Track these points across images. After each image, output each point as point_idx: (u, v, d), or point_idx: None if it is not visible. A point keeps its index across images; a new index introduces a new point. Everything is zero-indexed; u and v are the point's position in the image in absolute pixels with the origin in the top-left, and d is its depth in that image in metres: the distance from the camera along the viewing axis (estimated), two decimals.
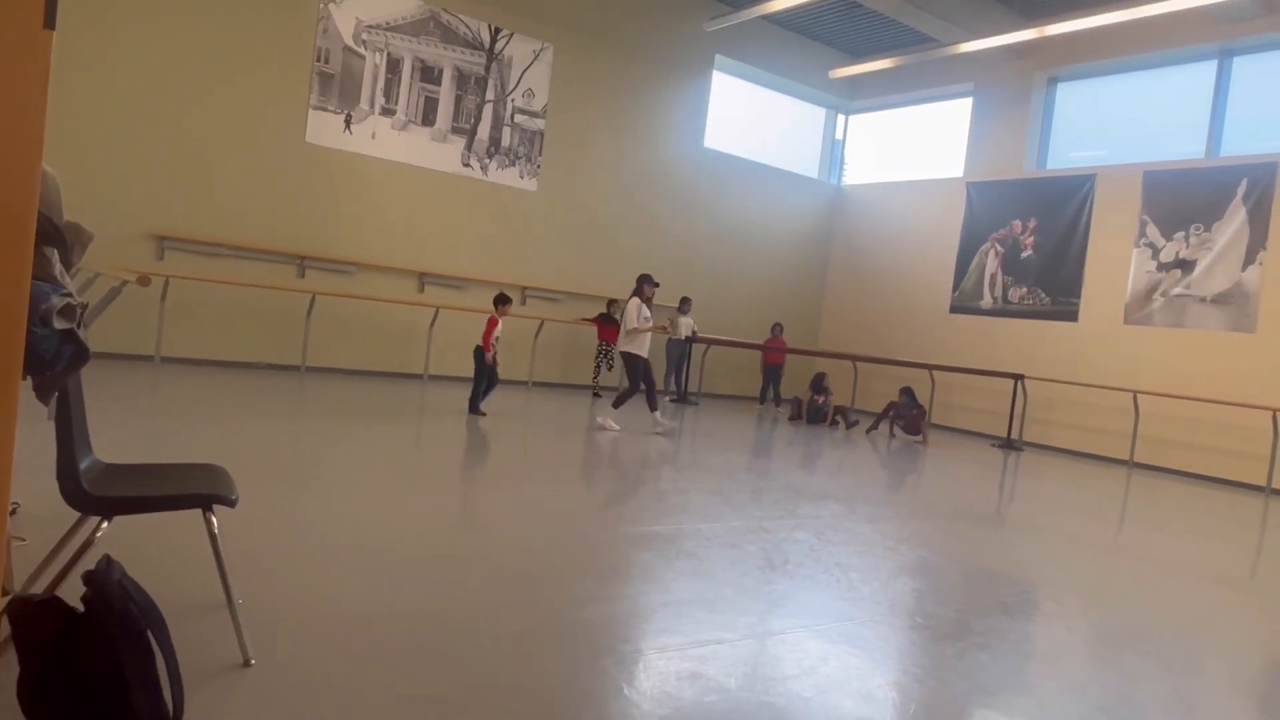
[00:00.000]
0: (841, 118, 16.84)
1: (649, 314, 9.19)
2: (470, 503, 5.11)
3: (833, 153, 16.89)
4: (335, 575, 3.48)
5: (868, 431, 11.97)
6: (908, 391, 12.03)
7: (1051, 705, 3.06)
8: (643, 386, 9.18)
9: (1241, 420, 10.52)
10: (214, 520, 2.59)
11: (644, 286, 9.27)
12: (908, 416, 11.83)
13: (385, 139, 11.41)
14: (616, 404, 9.33)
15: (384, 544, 3.99)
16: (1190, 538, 7.20)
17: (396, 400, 9.59)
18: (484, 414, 8.92)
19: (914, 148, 15.91)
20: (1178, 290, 11.49)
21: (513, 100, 12.48)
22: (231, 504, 2.59)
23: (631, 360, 9.13)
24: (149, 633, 2.04)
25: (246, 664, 2.54)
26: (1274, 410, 9.96)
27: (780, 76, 15.38)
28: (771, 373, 13.74)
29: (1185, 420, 11.12)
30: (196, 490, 2.58)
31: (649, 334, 9.15)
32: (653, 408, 9.29)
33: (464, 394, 10.79)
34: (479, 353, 9.07)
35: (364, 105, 11.23)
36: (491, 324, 9.11)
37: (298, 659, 2.67)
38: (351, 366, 11.33)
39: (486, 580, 3.66)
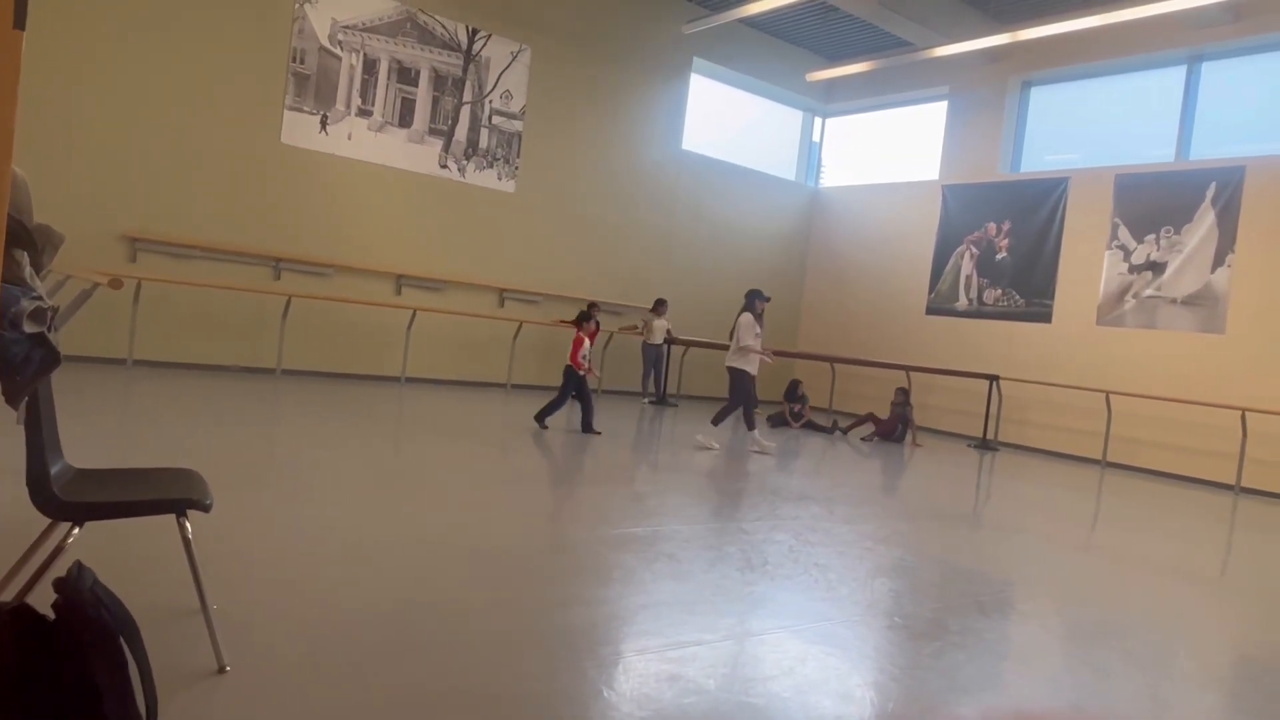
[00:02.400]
0: (818, 120, 16.94)
1: (760, 330, 8.87)
2: (447, 506, 5.09)
3: (810, 155, 16.98)
4: (312, 580, 3.45)
5: (861, 438, 11.92)
6: (903, 392, 12.07)
7: (1026, 702, 3.09)
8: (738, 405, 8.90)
9: (1211, 420, 10.69)
10: (188, 525, 2.56)
11: (755, 301, 8.93)
12: (902, 417, 11.75)
13: (362, 140, 11.34)
14: (716, 420, 9.00)
15: (361, 548, 3.96)
16: (1161, 536, 7.31)
17: (374, 403, 9.53)
18: (599, 432, 8.66)
19: (890, 151, 16.03)
20: (1149, 292, 11.66)
21: (490, 102, 12.44)
22: (206, 509, 2.57)
23: (739, 377, 8.84)
24: (122, 640, 2.02)
25: (221, 670, 2.52)
26: (1242, 410, 10.13)
27: (757, 79, 15.45)
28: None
29: (1156, 420, 11.28)
30: (170, 495, 2.55)
31: (758, 353, 8.84)
32: (750, 426, 8.98)
33: (441, 397, 10.74)
34: (568, 371, 8.84)
35: (340, 106, 11.15)
36: (578, 343, 8.86)
37: (274, 665, 2.64)
38: (327, 369, 11.24)
39: (464, 584, 3.65)
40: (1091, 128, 13.03)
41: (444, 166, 12.10)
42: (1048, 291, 12.79)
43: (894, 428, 11.73)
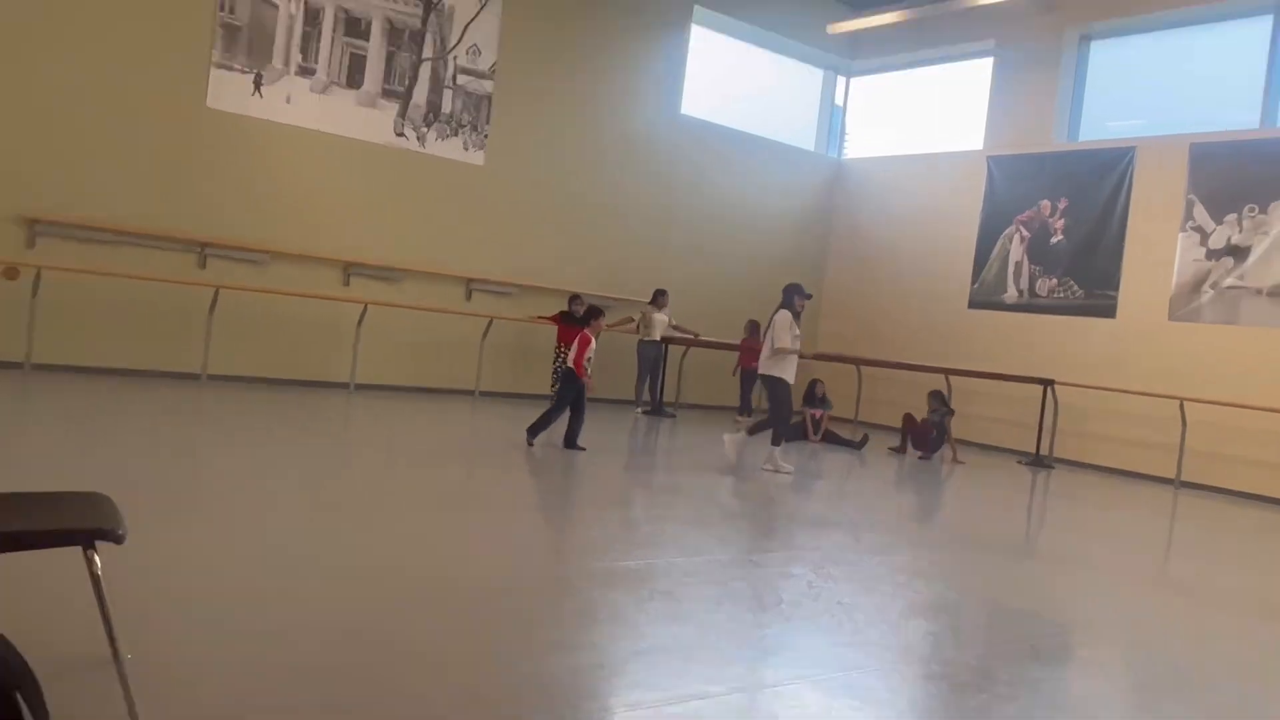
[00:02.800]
0: (842, 80, 16.97)
1: (799, 331, 8.87)
2: (404, 538, 5.08)
3: (831, 121, 17.01)
4: (243, 624, 3.43)
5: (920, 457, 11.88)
6: (936, 395, 12.08)
7: None
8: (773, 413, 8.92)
9: None
10: (97, 559, 2.54)
11: (794, 298, 8.92)
12: (938, 424, 11.78)
13: (303, 103, 11.32)
14: (775, 440, 8.93)
15: (301, 586, 3.95)
16: (1245, 567, 7.33)
17: (317, 414, 9.50)
18: (583, 448, 8.63)
19: (926, 116, 16.06)
20: (1230, 281, 11.71)
21: (455, 59, 12.43)
22: (118, 540, 2.54)
23: (775, 385, 8.85)
24: (19, 696, 2.00)
25: None
26: None
27: (769, 32, 15.46)
28: (748, 379, 13.71)
29: (1240, 431, 11.32)
30: (76, 524, 2.53)
31: (796, 356, 8.85)
32: (775, 441, 8.96)
33: (398, 406, 10.72)
34: (568, 375, 8.80)
35: (277, 63, 11.13)
36: (584, 343, 8.76)
37: None
38: (263, 374, 11.21)
39: (426, 629, 3.64)
40: (1162, 89, 13.07)
41: (400, 134, 12.08)
42: (1111, 281, 12.84)
43: (928, 437, 11.75)
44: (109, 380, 9.82)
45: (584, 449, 8.60)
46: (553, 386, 12.79)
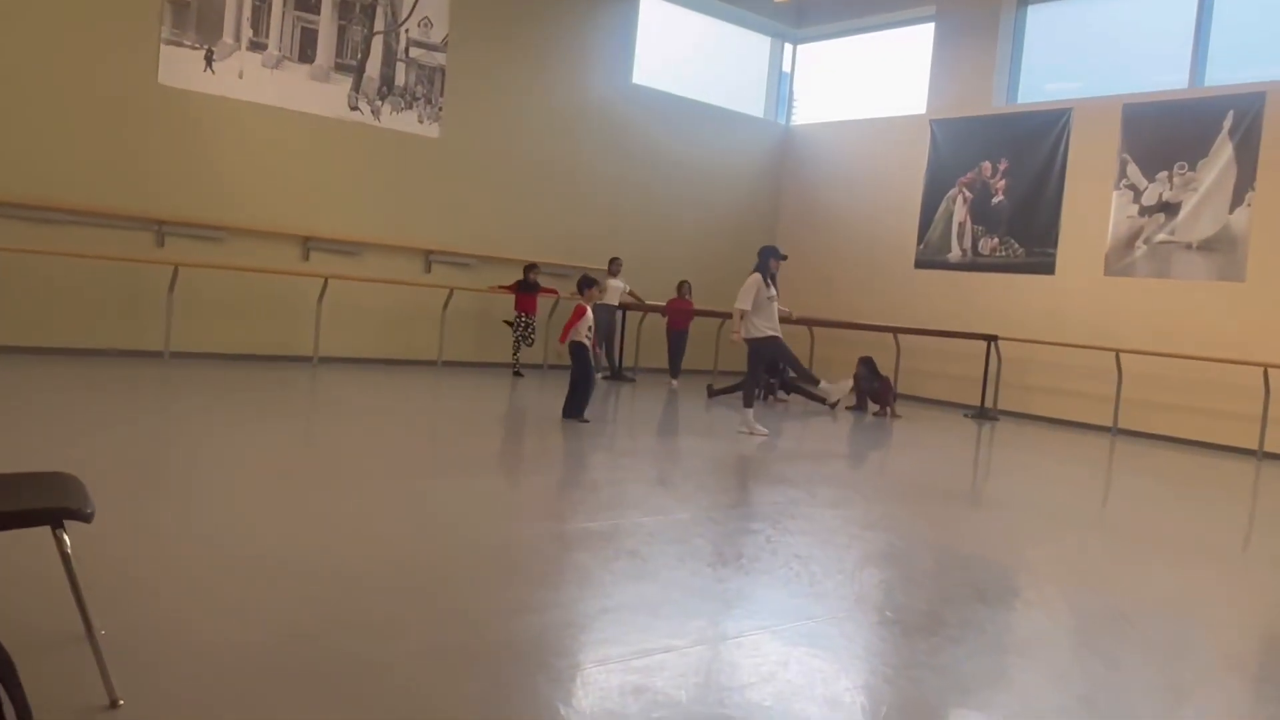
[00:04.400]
0: (789, 48, 16.94)
1: (774, 293, 8.83)
2: (371, 505, 5.07)
3: (780, 88, 16.98)
4: (213, 597, 3.42)
5: (846, 408, 12.09)
6: (867, 363, 12.24)
7: (1032, 699, 3.19)
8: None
9: (1231, 378, 11.01)
10: (66, 538, 2.52)
11: (769, 260, 8.93)
12: (870, 390, 12.07)
13: (255, 79, 11.09)
14: (746, 401, 9.01)
15: (270, 557, 3.93)
16: (1177, 509, 7.55)
17: (281, 388, 9.42)
18: (587, 420, 8.54)
19: (871, 81, 16.09)
20: (1161, 236, 11.93)
21: (407, 31, 12.23)
22: (86, 518, 2.52)
23: (755, 346, 8.87)
24: None
25: (114, 705, 2.49)
26: (1265, 366, 10.46)
27: (717, 0, 15.36)
28: (676, 340, 13.69)
29: (1171, 380, 11.59)
30: (43, 504, 2.50)
31: (770, 315, 8.80)
32: (747, 404, 9.03)
33: (361, 378, 10.64)
34: (579, 350, 8.65)
35: (228, 39, 10.88)
36: (578, 313, 8.64)
37: (173, 695, 2.62)
38: (225, 350, 11.06)
39: (394, 594, 3.64)
40: (1096, 52, 13.20)
41: (354, 108, 11.89)
42: (1050, 239, 13.02)
43: (887, 393, 11.93)
44: (68, 361, 9.63)
45: (587, 420, 8.56)
46: (515, 354, 12.77)
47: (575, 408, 8.60)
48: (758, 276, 8.84)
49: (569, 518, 5.23)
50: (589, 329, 8.71)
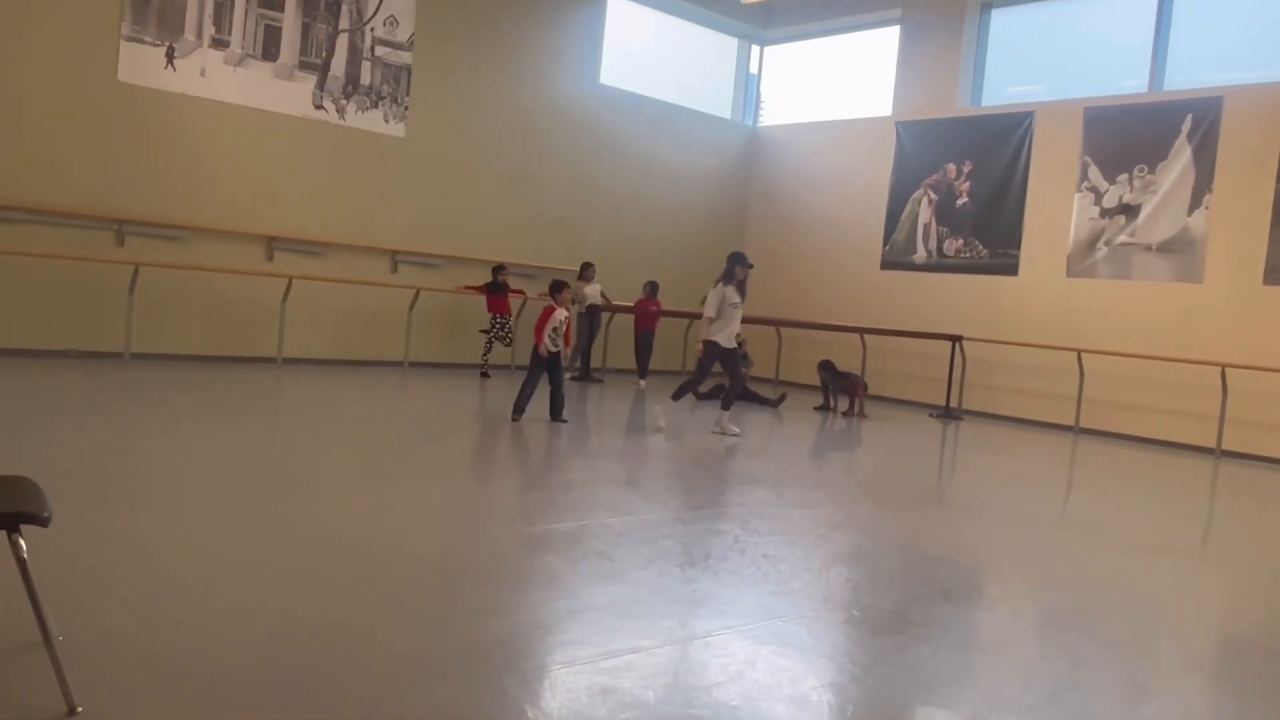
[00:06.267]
0: (756, 49, 17.00)
1: (738, 300, 8.89)
2: (337, 508, 5.02)
3: (747, 89, 17.04)
4: (175, 601, 3.37)
5: (814, 408, 12.18)
6: (826, 366, 12.30)
7: (997, 697, 3.22)
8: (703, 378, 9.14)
9: (1189, 378, 11.19)
10: (22, 543, 2.48)
11: (736, 267, 8.94)
12: (838, 387, 12.12)
13: (218, 77, 10.95)
14: (725, 403, 9.09)
15: (234, 562, 3.88)
16: (1139, 508, 7.66)
17: (245, 390, 9.31)
18: (565, 420, 8.62)
19: (837, 83, 16.19)
20: (1122, 238, 12.11)
21: (372, 29, 12.13)
22: (43, 523, 2.49)
23: (709, 349, 8.91)
24: None
25: (72, 712, 2.45)
26: (1222, 366, 10.64)
27: (684, 2, 15.39)
28: (643, 341, 13.72)
29: (1131, 380, 11.76)
30: None
31: (736, 323, 8.92)
32: (726, 405, 9.12)
33: (327, 380, 10.55)
34: (535, 351, 8.64)
35: (189, 36, 10.73)
36: (546, 314, 8.61)
37: (133, 703, 2.59)
38: (187, 351, 10.91)
39: (361, 598, 3.62)
40: (1058, 56, 13.37)
41: (319, 107, 11.78)
42: (1013, 240, 13.17)
43: (856, 390, 12.01)
44: (26, 361, 9.46)
45: (566, 421, 8.60)
46: (484, 355, 12.72)
47: (558, 409, 8.65)
48: (728, 288, 8.88)
49: (536, 519, 5.21)
50: (554, 330, 8.68)
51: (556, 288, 8.92)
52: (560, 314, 8.68)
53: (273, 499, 5.06)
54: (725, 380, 9.52)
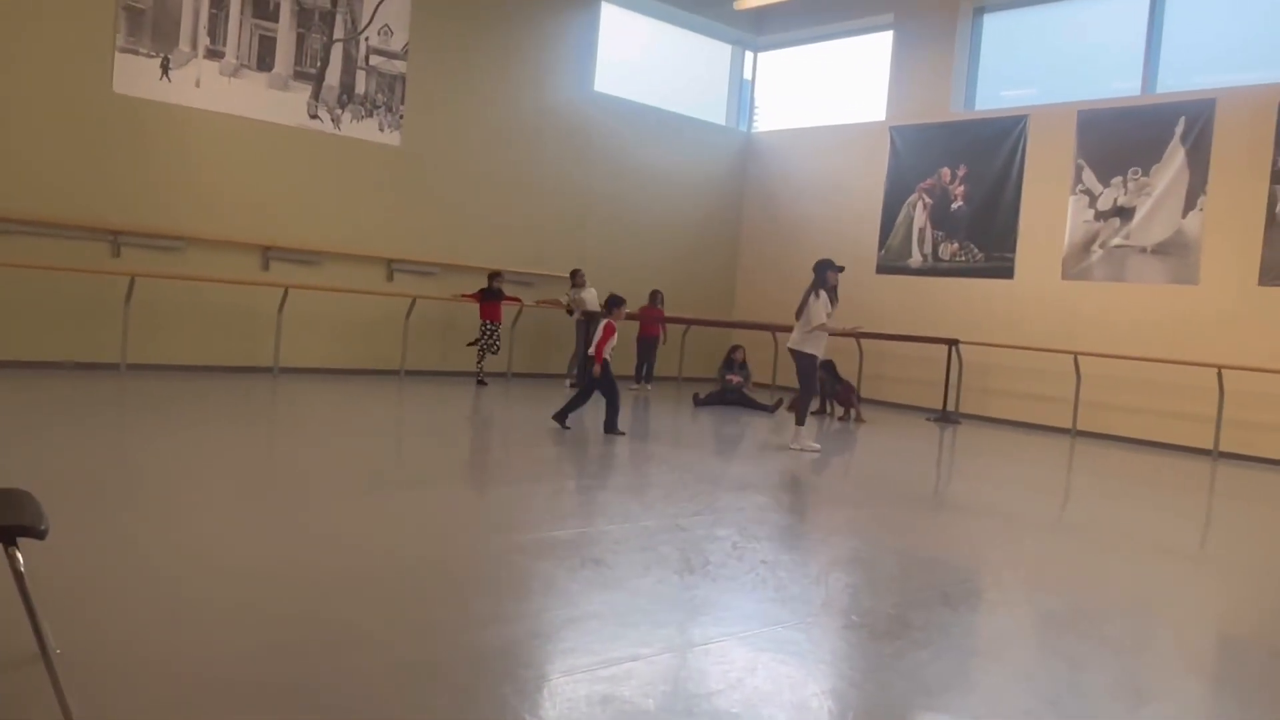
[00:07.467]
0: (750, 55, 17.03)
1: (832, 309, 8.74)
2: (335, 517, 5.01)
3: (741, 95, 17.06)
4: (175, 613, 3.36)
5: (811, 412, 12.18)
6: (827, 367, 12.31)
7: (998, 701, 3.22)
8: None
9: (1185, 380, 11.21)
10: (19, 556, 2.47)
11: (827, 273, 8.77)
12: (832, 393, 12.14)
13: (213, 87, 10.95)
14: (800, 419, 8.87)
15: (234, 572, 3.87)
16: (1137, 510, 7.67)
17: (242, 400, 9.30)
18: (622, 433, 8.59)
19: (831, 89, 16.22)
20: (1117, 241, 12.13)
21: (367, 39, 12.15)
22: (41, 535, 2.48)
23: (806, 361, 8.76)
24: None
25: None
26: (1218, 367, 10.66)
27: (678, 8, 15.42)
28: (646, 347, 13.77)
29: (1128, 382, 11.78)
30: None
31: (825, 336, 8.75)
32: (800, 420, 8.91)
33: (323, 389, 10.54)
34: (590, 364, 8.66)
35: (184, 46, 10.74)
36: (608, 331, 8.59)
37: (131, 715, 2.57)
38: (184, 362, 10.90)
39: (359, 606, 3.61)
40: (1051, 59, 13.40)
41: (314, 117, 11.78)
42: (1008, 244, 13.19)
43: (850, 395, 12.01)
44: (23, 373, 9.45)
45: (623, 433, 8.59)
46: (479, 363, 12.71)
47: (613, 422, 8.63)
48: (824, 296, 8.72)
49: (535, 526, 5.20)
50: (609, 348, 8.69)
51: (615, 303, 8.79)
52: (616, 335, 8.66)
53: (272, 510, 5.05)
54: (717, 386, 9.49)
